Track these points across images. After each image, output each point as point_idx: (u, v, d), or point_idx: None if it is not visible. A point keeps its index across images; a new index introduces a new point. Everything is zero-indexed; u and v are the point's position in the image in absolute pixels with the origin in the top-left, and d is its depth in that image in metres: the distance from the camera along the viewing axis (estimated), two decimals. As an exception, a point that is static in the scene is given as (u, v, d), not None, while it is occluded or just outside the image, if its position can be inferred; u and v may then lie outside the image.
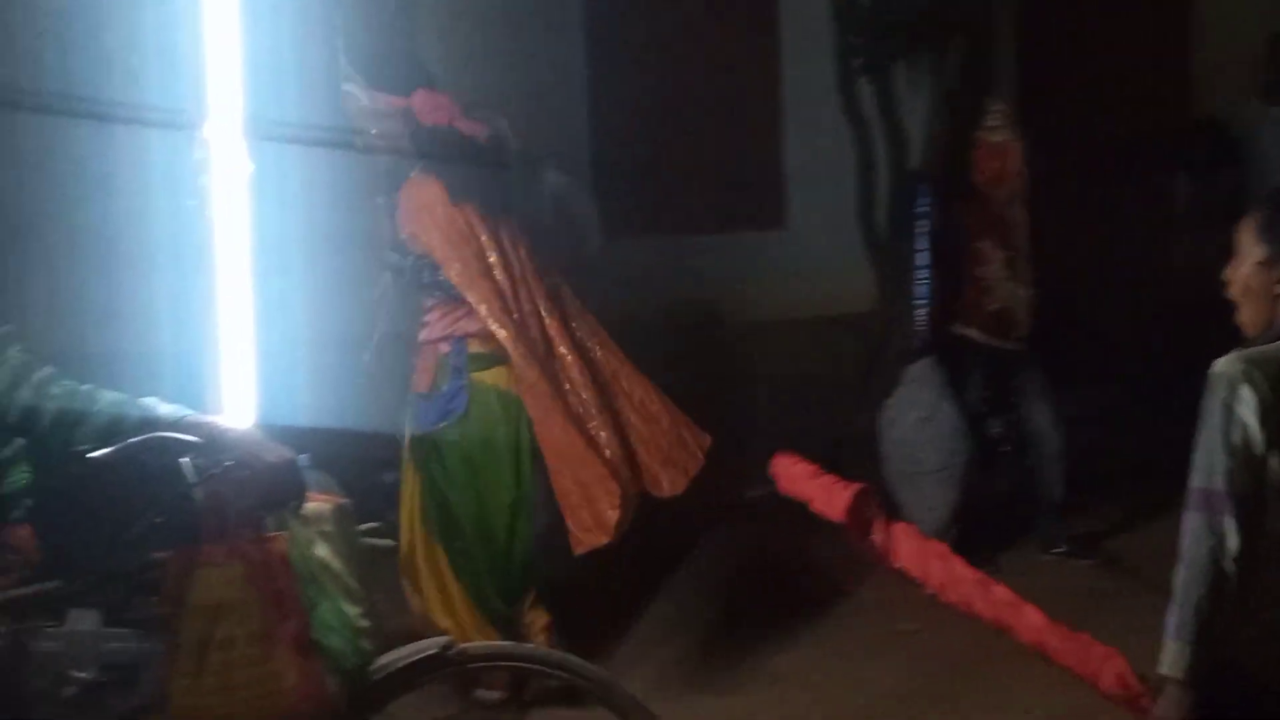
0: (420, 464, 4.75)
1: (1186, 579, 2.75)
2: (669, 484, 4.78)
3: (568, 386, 4.66)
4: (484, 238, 4.67)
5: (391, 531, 4.54)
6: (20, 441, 2.87)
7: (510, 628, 4.75)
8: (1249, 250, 2.87)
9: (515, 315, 4.61)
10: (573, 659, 3.09)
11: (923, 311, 6.26)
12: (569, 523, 4.55)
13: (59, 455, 2.74)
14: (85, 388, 2.75)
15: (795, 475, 3.16)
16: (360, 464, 6.63)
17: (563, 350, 4.70)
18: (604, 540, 4.53)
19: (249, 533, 2.74)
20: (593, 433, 4.61)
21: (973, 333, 6.27)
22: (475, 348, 4.71)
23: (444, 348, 4.73)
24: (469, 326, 4.69)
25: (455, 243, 4.62)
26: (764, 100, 7.92)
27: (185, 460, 2.72)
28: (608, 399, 4.73)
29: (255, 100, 2.94)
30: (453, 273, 4.61)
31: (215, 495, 2.70)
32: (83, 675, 2.66)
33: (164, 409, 2.73)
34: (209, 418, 2.76)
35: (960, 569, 3.03)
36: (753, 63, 7.93)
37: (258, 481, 2.70)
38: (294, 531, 2.85)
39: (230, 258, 2.84)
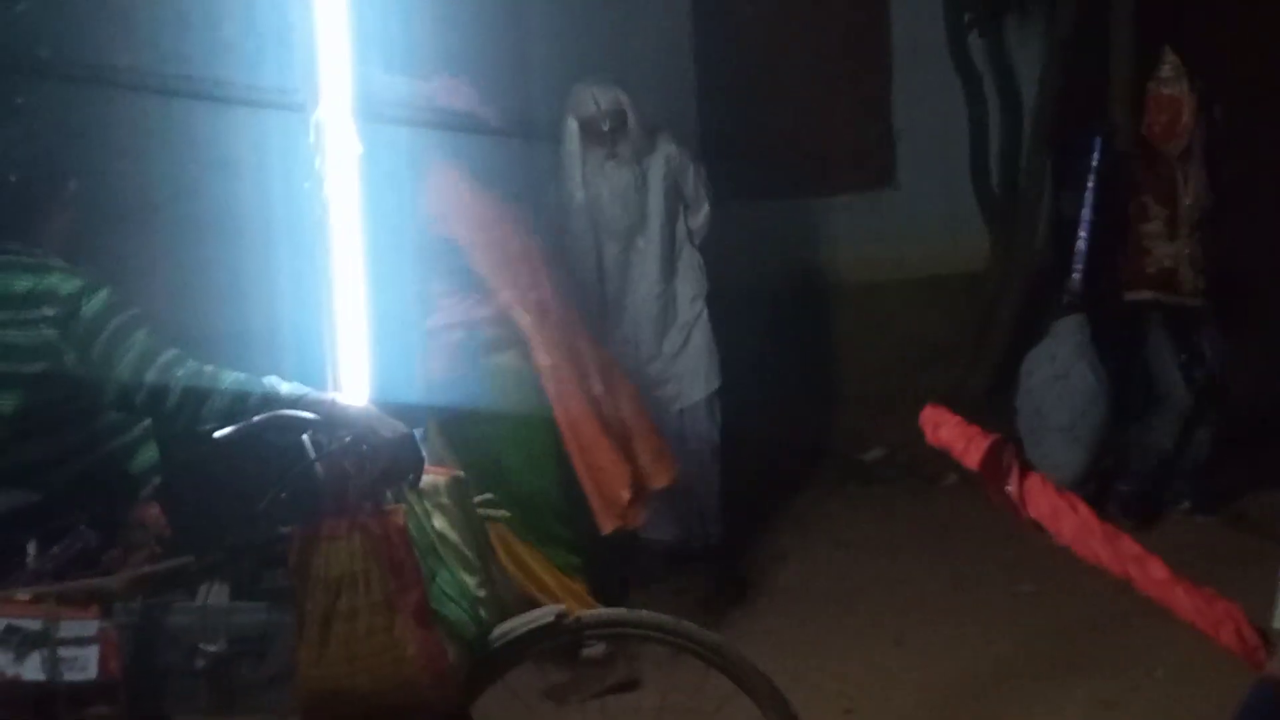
0: (448, 446, 4.78)
1: None
2: (660, 477, 4.91)
3: (584, 373, 4.75)
4: (506, 224, 4.73)
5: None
6: (148, 421, 2.97)
7: (593, 575, 4.85)
8: None
9: (537, 303, 4.69)
10: (688, 625, 3.13)
11: (1079, 266, 6.07)
12: (594, 504, 4.69)
13: (185, 434, 2.82)
14: (209, 368, 2.83)
15: (939, 423, 3.17)
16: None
17: (575, 338, 4.78)
18: (621, 523, 4.70)
19: (369, 506, 2.81)
20: (607, 419, 4.71)
21: (1143, 294, 6.03)
22: (487, 332, 4.77)
23: (457, 333, 4.78)
24: (482, 312, 4.74)
25: (481, 228, 4.69)
26: (872, 59, 7.86)
27: (306, 437, 2.80)
28: (612, 389, 4.83)
29: (366, 83, 2.99)
30: (478, 257, 4.66)
31: (335, 470, 2.78)
32: (214, 648, 2.75)
33: (284, 388, 2.80)
34: (328, 395, 2.84)
35: (1091, 520, 3.01)
36: (860, 21, 7.87)
37: (376, 456, 2.77)
38: (411, 504, 2.92)
39: (344, 238, 2.91)
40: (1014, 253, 7.40)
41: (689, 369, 5.58)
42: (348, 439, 2.77)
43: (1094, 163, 6.07)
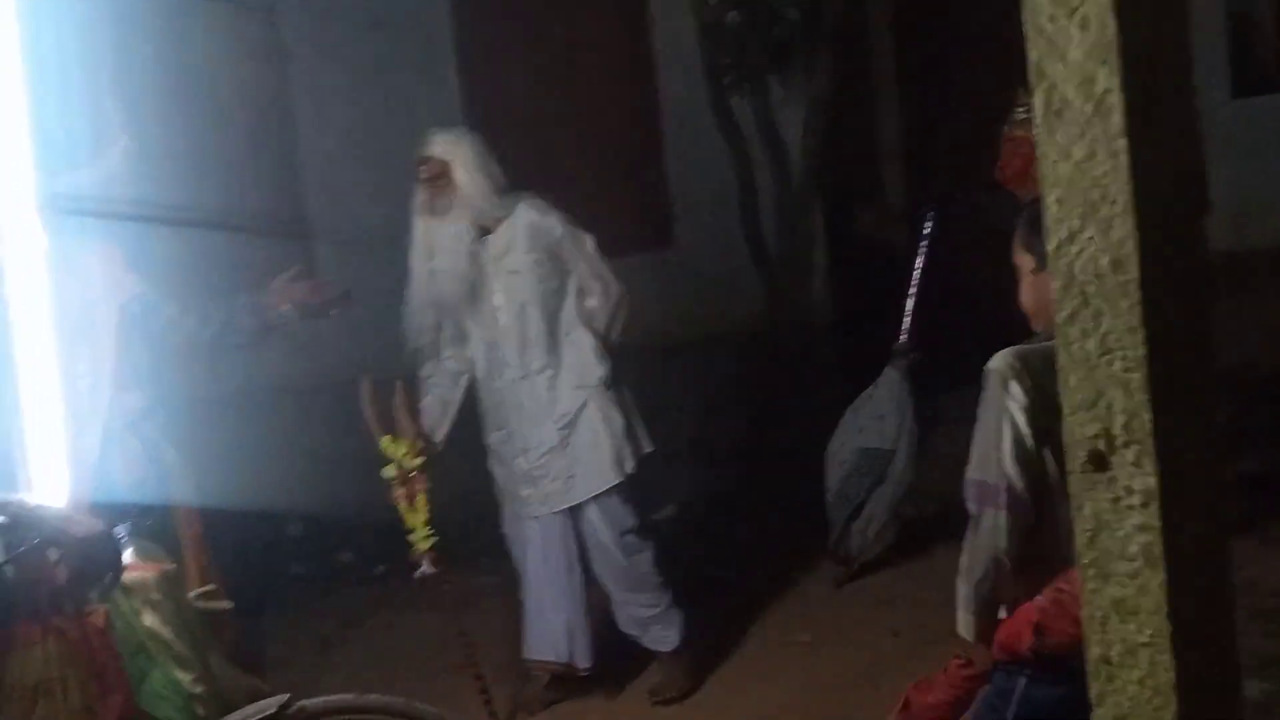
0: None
1: (968, 564, 2.99)
2: None
3: None
4: None
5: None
6: None
7: None
8: (1023, 263, 2.98)
9: None
10: (419, 706, 3.08)
11: (906, 327, 6.11)
12: None
13: None
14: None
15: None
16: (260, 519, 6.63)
17: None
18: None
19: (68, 608, 2.72)
20: None
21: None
22: None
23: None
24: None
25: None
26: (644, 121, 7.96)
27: (-7, 541, 2.70)
28: None
29: (49, 174, 2.92)
30: None
31: (26, 574, 2.68)
32: (-97, 769, 2.63)
33: (-34, 491, 2.70)
34: (15, 495, 2.74)
35: None
36: (630, 84, 7.97)
37: (69, 556, 2.68)
38: (118, 602, 2.85)
39: (31, 334, 2.82)
40: (790, 311, 7.52)
41: (564, 467, 5.06)
42: (36, 540, 2.68)
43: (925, 231, 6.17)
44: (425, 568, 4.80)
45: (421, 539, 4.78)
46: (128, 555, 2.90)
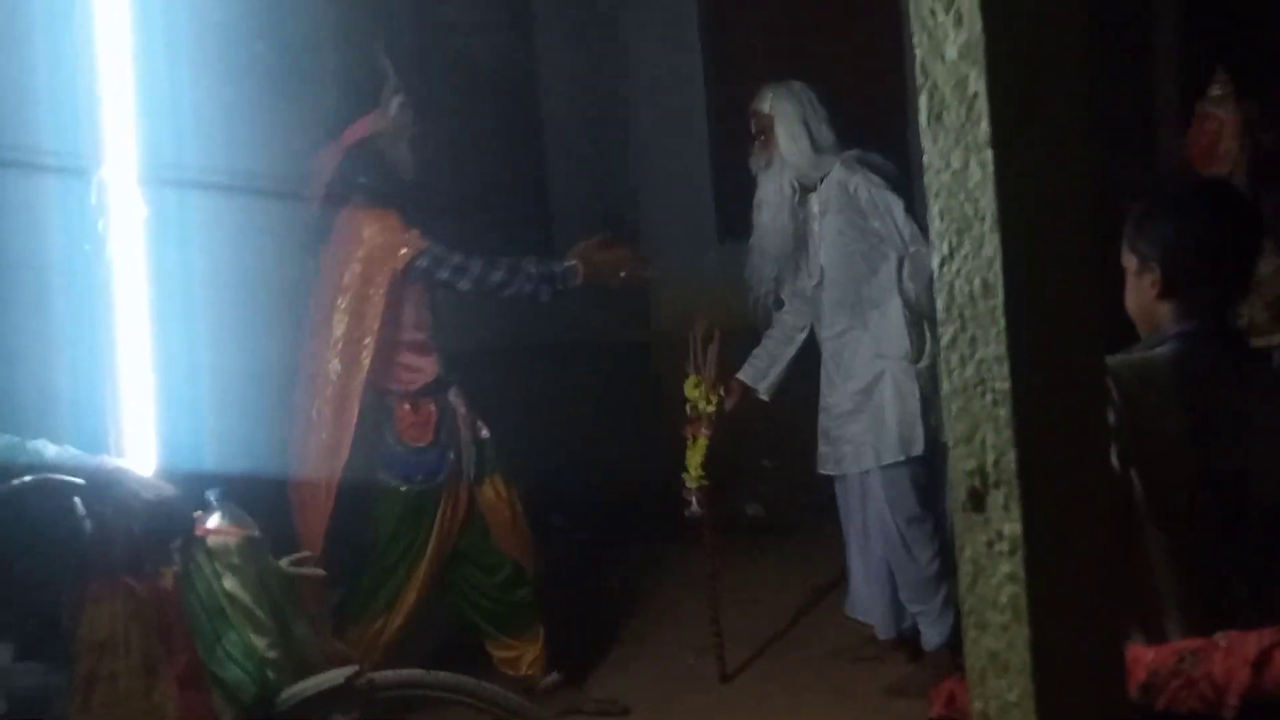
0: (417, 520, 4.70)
1: None
2: None
3: None
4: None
5: None
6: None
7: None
8: (1128, 264, 2.69)
9: None
10: (489, 687, 3.09)
11: None
12: None
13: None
14: (-26, 433, 2.86)
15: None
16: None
17: None
18: None
19: (147, 567, 2.84)
20: None
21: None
22: None
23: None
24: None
25: None
26: (889, 88, 7.72)
27: (77, 500, 2.83)
28: None
29: (152, 143, 3.01)
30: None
31: (100, 533, 2.80)
32: (-5, 708, 2.80)
33: (50, 450, 2.82)
34: (95, 459, 2.86)
35: None
36: (876, 49, 7.74)
37: (139, 518, 2.79)
38: (201, 564, 2.95)
39: (128, 300, 2.93)
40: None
41: (855, 433, 4.89)
42: (112, 502, 2.79)
43: None
44: (694, 508, 4.97)
45: (693, 479, 4.92)
46: (215, 520, 2.99)
